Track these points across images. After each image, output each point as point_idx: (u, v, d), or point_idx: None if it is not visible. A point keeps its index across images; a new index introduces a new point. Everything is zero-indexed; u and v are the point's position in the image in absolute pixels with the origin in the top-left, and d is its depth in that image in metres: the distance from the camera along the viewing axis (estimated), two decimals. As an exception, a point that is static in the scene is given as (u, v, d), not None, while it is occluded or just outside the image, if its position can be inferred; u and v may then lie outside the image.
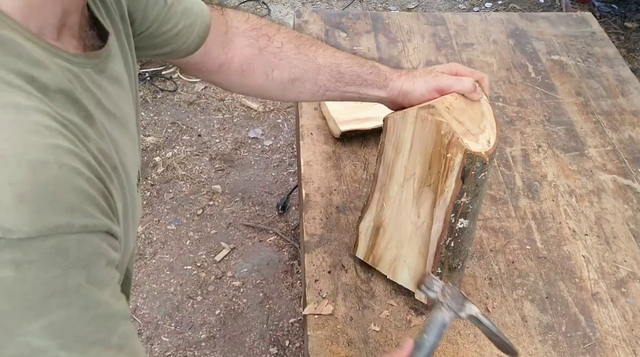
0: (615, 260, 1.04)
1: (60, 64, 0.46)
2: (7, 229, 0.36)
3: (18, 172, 0.37)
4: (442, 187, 0.82)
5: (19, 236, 0.37)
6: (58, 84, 0.44)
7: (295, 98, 0.94)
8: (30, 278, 0.38)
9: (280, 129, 2.41)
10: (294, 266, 1.93)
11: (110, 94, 0.54)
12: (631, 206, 1.14)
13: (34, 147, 0.38)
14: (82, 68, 0.49)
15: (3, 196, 0.36)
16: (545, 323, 0.94)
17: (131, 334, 0.48)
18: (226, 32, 0.83)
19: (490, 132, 0.83)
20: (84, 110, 0.47)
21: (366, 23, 1.58)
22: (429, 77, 0.85)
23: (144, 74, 2.57)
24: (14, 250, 0.37)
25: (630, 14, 3.13)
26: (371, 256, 0.98)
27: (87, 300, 0.42)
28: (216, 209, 2.09)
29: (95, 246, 0.42)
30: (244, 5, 3.11)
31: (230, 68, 0.85)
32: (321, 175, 1.15)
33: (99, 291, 0.43)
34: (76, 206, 0.40)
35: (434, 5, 3.26)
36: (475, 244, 1.05)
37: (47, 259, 0.38)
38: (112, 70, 0.56)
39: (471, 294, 0.97)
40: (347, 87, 0.88)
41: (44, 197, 0.38)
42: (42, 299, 0.39)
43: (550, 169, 1.21)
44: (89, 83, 0.50)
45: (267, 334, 1.75)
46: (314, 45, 0.89)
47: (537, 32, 1.60)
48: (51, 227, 0.38)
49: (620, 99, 1.40)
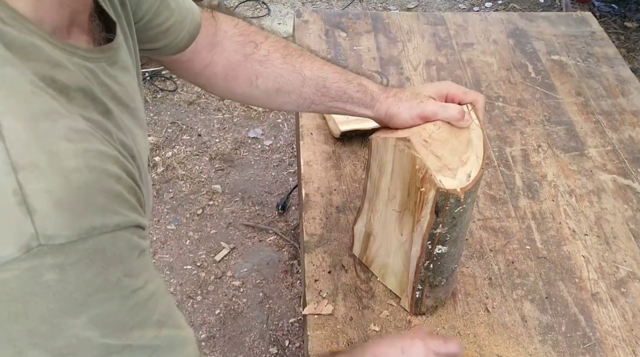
0: (615, 260, 1.04)
1: (76, 63, 0.47)
2: (48, 236, 0.39)
3: (53, 181, 0.39)
4: (418, 216, 0.80)
5: (60, 241, 0.39)
6: (77, 83, 0.46)
7: (280, 107, 0.93)
8: (73, 279, 0.40)
9: (280, 129, 2.41)
10: (294, 266, 1.93)
11: (123, 84, 0.55)
12: (631, 206, 1.14)
13: (65, 154, 0.40)
14: (96, 63, 0.50)
15: (42, 203, 0.39)
16: (545, 323, 0.94)
17: (169, 308, 0.51)
18: (215, 34, 0.83)
19: (473, 163, 0.78)
20: (102, 106, 0.48)
21: (366, 23, 1.58)
22: (415, 103, 0.82)
23: (144, 74, 2.57)
24: (56, 255, 0.39)
25: (630, 14, 3.13)
26: (365, 256, 0.99)
27: (126, 291, 0.45)
28: (216, 209, 2.09)
29: (128, 241, 0.44)
30: (244, 5, 3.11)
31: (214, 71, 0.84)
32: (321, 175, 1.15)
33: (136, 280, 0.46)
34: (108, 206, 0.42)
35: (434, 5, 3.26)
36: (475, 244, 1.05)
37: (87, 259, 0.41)
38: (122, 60, 0.57)
39: (471, 294, 0.98)
40: (333, 103, 0.86)
41: (79, 202, 0.40)
42: (86, 296, 0.42)
43: (550, 169, 1.21)
44: (104, 77, 0.51)
45: (267, 334, 1.75)
46: (301, 56, 0.87)
47: (537, 32, 1.60)
48: (88, 229, 0.40)
49: (620, 99, 1.40)
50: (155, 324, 0.49)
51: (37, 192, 0.39)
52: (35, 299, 0.40)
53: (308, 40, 1.50)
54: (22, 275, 0.39)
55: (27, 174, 0.38)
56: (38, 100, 0.41)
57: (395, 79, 1.40)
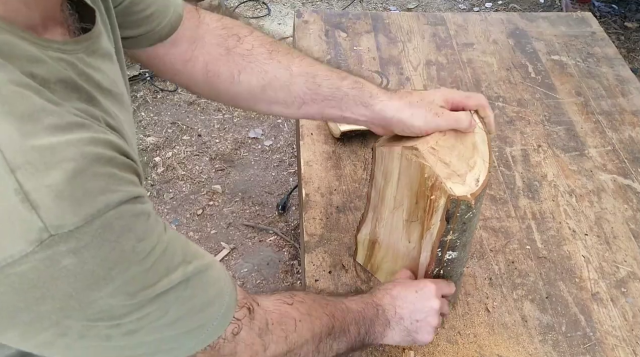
0: (615, 260, 1.04)
1: (52, 56, 0.48)
2: (56, 226, 0.40)
3: (49, 175, 0.40)
4: (428, 224, 0.79)
5: (69, 228, 0.41)
6: (56, 76, 0.47)
7: (267, 109, 0.84)
8: (90, 258, 0.43)
9: (280, 129, 2.41)
10: (294, 266, 1.93)
11: (105, 72, 0.56)
12: (631, 206, 1.14)
13: (57, 149, 0.42)
14: (73, 54, 0.51)
15: (44, 198, 0.40)
16: (545, 323, 0.94)
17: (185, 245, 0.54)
18: (198, 26, 0.81)
19: (480, 167, 0.78)
20: (85, 94, 0.50)
21: (366, 23, 1.58)
22: (429, 114, 0.77)
23: (144, 74, 2.57)
24: (68, 241, 0.41)
25: (630, 14, 3.13)
26: (369, 264, 0.99)
27: (143, 254, 0.47)
28: (216, 209, 2.09)
29: (132, 211, 0.46)
30: (244, 5, 3.11)
31: (195, 67, 0.80)
32: (321, 175, 1.15)
33: (149, 241, 0.48)
34: (106, 187, 0.44)
35: (434, 5, 3.26)
36: (475, 244, 1.05)
37: (98, 238, 0.43)
38: (102, 48, 0.57)
39: (471, 294, 0.98)
40: (326, 102, 0.80)
41: (77, 189, 0.41)
42: (106, 271, 0.44)
43: (550, 169, 1.21)
44: (83, 67, 0.52)
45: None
46: (289, 53, 0.81)
47: (537, 32, 1.60)
48: (93, 212, 0.42)
49: (620, 99, 1.40)
50: (179, 266, 0.51)
51: (37, 189, 0.40)
52: (56, 282, 0.42)
53: (308, 41, 1.50)
54: (38, 265, 0.41)
55: (23, 172, 0.40)
56: (22, 100, 0.42)
57: (395, 79, 1.40)
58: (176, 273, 0.51)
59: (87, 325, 0.46)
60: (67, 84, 0.48)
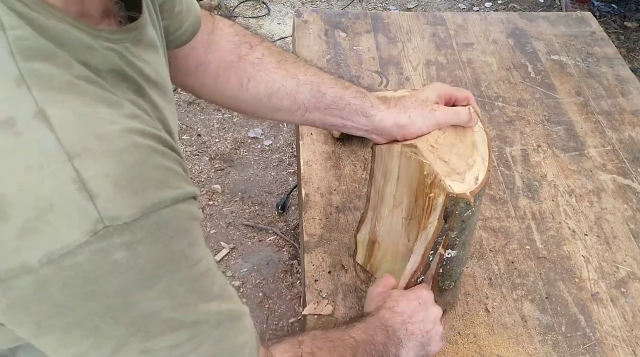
0: (615, 260, 1.04)
1: (103, 45, 0.48)
2: (113, 217, 0.40)
3: (108, 164, 0.40)
4: (425, 223, 0.79)
5: (125, 220, 0.41)
6: (107, 65, 0.47)
7: (271, 116, 0.86)
8: (142, 254, 0.42)
9: (280, 129, 2.41)
10: (294, 266, 1.93)
11: (150, 62, 0.55)
12: (631, 206, 1.14)
13: (112, 137, 0.41)
14: (121, 44, 0.51)
15: (102, 188, 0.40)
16: (545, 323, 0.94)
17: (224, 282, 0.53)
18: (212, 31, 0.82)
19: (480, 166, 0.78)
20: (135, 84, 0.50)
21: (366, 23, 1.58)
22: (426, 111, 0.79)
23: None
24: (123, 234, 0.41)
25: (630, 14, 3.13)
26: (369, 264, 0.99)
27: (192, 261, 0.47)
28: (216, 209, 2.09)
29: (187, 213, 0.46)
30: (244, 5, 3.11)
31: (206, 71, 0.81)
32: (321, 175, 1.15)
33: (198, 250, 0.48)
34: (163, 181, 0.44)
35: (434, 5, 3.26)
36: (475, 244, 1.05)
37: (152, 234, 0.42)
38: (148, 37, 0.57)
39: (471, 295, 0.98)
40: (329, 111, 0.81)
41: (136, 180, 0.41)
42: (156, 269, 0.44)
43: (550, 169, 1.21)
44: (131, 57, 0.51)
45: (267, 334, 1.75)
46: (296, 62, 0.83)
47: (537, 32, 1.60)
48: (149, 205, 0.42)
49: (620, 99, 1.40)
50: (217, 298, 0.51)
51: (96, 177, 0.40)
52: (108, 277, 0.42)
53: (308, 41, 1.50)
54: (93, 257, 0.40)
55: (82, 160, 0.39)
56: (76, 88, 0.42)
57: (395, 79, 1.40)
58: (214, 304, 0.50)
59: (122, 338, 0.45)
60: (118, 74, 0.48)
